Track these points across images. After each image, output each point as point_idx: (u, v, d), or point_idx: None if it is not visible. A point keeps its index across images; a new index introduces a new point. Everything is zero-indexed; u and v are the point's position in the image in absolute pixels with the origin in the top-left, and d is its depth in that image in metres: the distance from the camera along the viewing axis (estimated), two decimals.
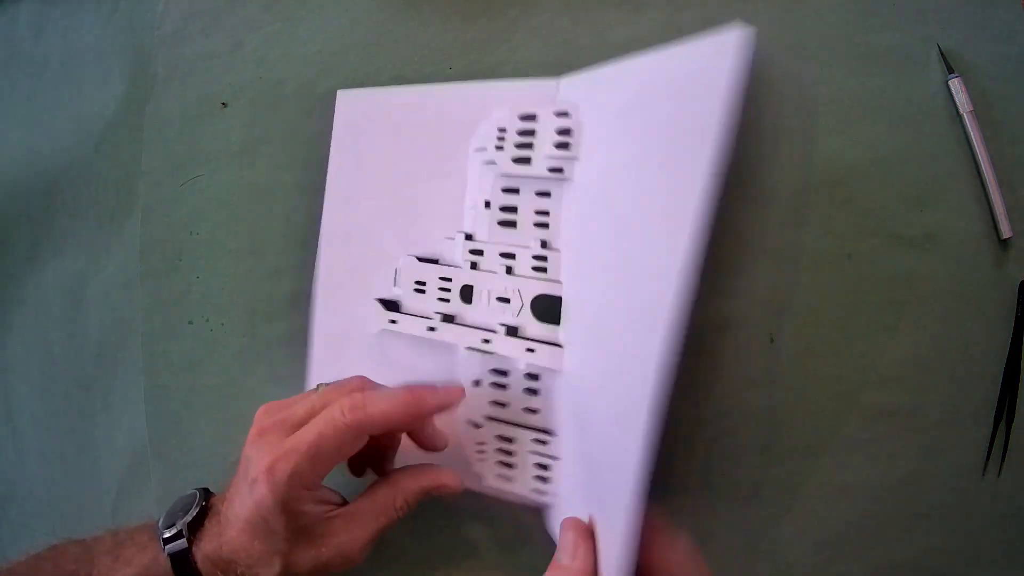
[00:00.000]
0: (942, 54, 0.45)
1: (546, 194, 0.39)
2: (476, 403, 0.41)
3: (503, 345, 0.40)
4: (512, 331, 0.40)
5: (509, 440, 0.41)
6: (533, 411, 0.40)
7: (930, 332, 0.44)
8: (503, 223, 0.40)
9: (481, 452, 0.41)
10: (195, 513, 0.39)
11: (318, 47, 0.46)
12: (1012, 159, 0.45)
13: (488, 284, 0.41)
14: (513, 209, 0.40)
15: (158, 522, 0.39)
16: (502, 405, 0.41)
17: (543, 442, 0.40)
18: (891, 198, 0.45)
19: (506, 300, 0.40)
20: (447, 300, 0.42)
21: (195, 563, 0.37)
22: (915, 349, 0.44)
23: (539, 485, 0.41)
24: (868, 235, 0.45)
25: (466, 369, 0.41)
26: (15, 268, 0.48)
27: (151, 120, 0.47)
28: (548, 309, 0.39)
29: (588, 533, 0.34)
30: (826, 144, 0.45)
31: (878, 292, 0.45)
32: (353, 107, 0.44)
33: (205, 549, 0.38)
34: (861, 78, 0.45)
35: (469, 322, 0.41)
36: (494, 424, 0.41)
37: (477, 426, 0.41)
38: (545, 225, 0.39)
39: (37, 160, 0.47)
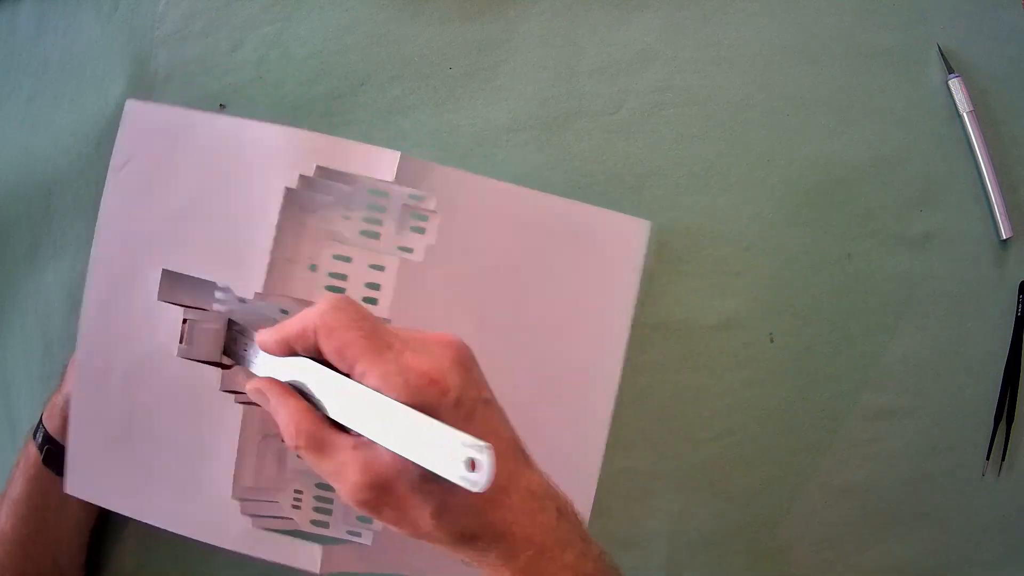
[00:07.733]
0: (942, 54, 0.45)
1: (379, 268, 0.38)
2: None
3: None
4: None
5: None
6: None
7: (930, 332, 0.44)
8: (332, 289, 0.38)
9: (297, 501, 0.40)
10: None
11: (318, 47, 0.46)
12: (1012, 159, 0.45)
13: None
14: (342, 276, 0.38)
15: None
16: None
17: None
18: (891, 198, 0.45)
19: None
20: None
21: (49, 432, 0.40)
22: (915, 349, 0.44)
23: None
24: (868, 235, 0.45)
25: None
26: (15, 269, 0.48)
27: None
28: None
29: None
30: (826, 144, 0.45)
31: (878, 292, 0.45)
32: (145, 121, 0.38)
33: (56, 420, 0.41)
34: (861, 78, 0.45)
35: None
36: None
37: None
38: (374, 300, 0.38)
39: (37, 160, 0.47)
